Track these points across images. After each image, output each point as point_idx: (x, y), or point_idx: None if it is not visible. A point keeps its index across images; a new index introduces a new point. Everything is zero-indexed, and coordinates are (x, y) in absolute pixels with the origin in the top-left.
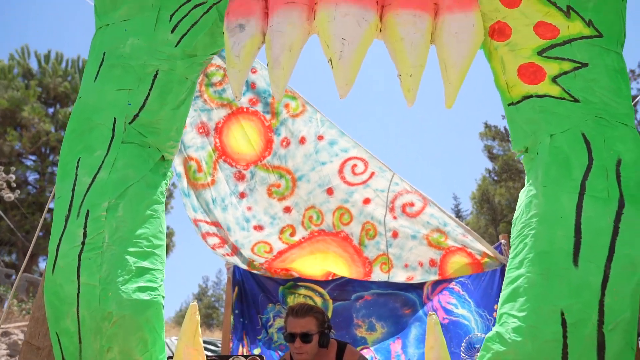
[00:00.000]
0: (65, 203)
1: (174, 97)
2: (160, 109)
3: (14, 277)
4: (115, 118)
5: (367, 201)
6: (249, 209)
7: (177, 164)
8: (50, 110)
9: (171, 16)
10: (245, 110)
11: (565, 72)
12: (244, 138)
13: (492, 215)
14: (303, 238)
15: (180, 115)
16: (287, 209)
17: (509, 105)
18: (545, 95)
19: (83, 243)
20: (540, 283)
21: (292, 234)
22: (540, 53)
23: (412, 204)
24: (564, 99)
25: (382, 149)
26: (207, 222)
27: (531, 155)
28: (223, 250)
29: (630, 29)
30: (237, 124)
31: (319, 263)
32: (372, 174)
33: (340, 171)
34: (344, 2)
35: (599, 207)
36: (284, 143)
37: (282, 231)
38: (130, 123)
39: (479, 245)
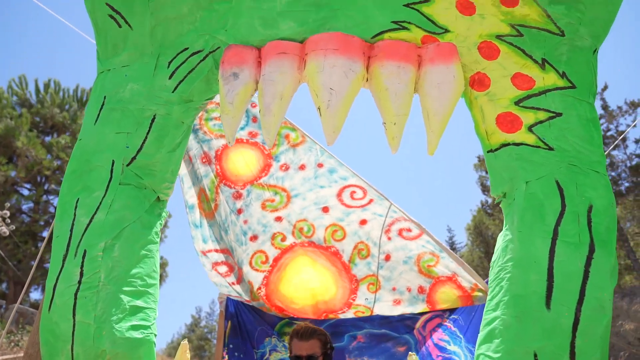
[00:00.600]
0: (64, 242)
1: (170, 140)
2: (157, 152)
3: (3, 307)
4: (113, 160)
5: (363, 222)
6: (245, 222)
7: (190, 196)
8: (47, 138)
9: (169, 63)
10: (244, 141)
11: (541, 122)
12: (241, 162)
13: (486, 248)
14: (294, 243)
15: (175, 157)
16: (279, 219)
17: (488, 152)
18: (521, 144)
19: (80, 282)
20: (514, 325)
21: (283, 240)
22: (517, 103)
23: (409, 230)
24: (539, 147)
25: (377, 177)
26: (217, 251)
27: (509, 200)
28: (230, 279)
29: (616, 69)
30: (235, 151)
31: (308, 272)
32: (371, 200)
33: (339, 195)
34: (332, 53)
35: (571, 252)
36: (283, 168)
37: (273, 237)
38: (127, 165)
39: (469, 277)
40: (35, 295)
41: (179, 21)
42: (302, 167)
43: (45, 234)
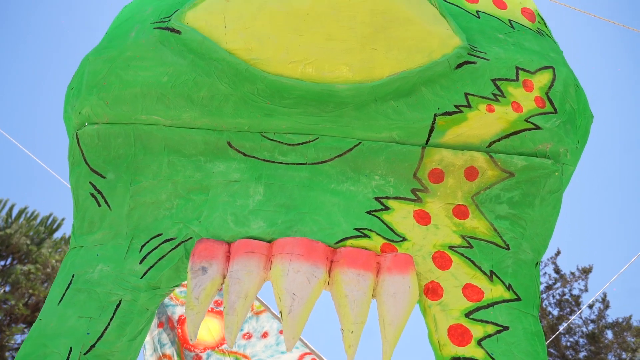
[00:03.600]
0: None
1: (133, 328)
2: (117, 340)
3: None
4: (71, 347)
5: None
6: None
7: None
8: (2, 263)
9: (142, 247)
10: (210, 310)
11: (489, 335)
12: (204, 330)
13: None
14: None
15: (135, 346)
16: None
17: None
18: (471, 359)
19: None
20: None
21: None
22: (467, 315)
23: None
24: None
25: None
26: None
27: None
28: None
29: (567, 236)
30: None
31: None
32: None
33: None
34: (297, 259)
35: None
36: (246, 336)
37: None
38: (85, 353)
39: None
40: None
41: (156, 206)
42: (264, 335)
43: None
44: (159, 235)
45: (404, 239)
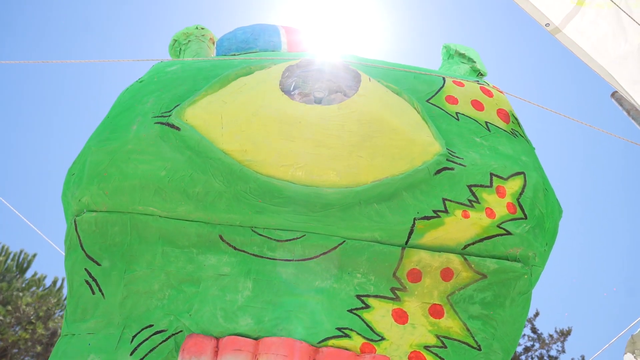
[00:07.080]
0: None
1: None
2: None
3: None
4: None
5: None
6: None
7: None
8: None
9: (133, 337)
10: None
11: None
12: None
13: None
14: None
15: None
16: None
17: None
18: None
19: None
20: None
21: None
22: None
23: None
24: None
25: None
26: None
27: None
28: None
29: (545, 298)
30: None
31: None
32: None
33: None
34: None
35: None
36: None
37: None
38: None
39: None
40: None
41: (148, 296)
42: None
43: None
44: (151, 326)
45: (383, 339)
